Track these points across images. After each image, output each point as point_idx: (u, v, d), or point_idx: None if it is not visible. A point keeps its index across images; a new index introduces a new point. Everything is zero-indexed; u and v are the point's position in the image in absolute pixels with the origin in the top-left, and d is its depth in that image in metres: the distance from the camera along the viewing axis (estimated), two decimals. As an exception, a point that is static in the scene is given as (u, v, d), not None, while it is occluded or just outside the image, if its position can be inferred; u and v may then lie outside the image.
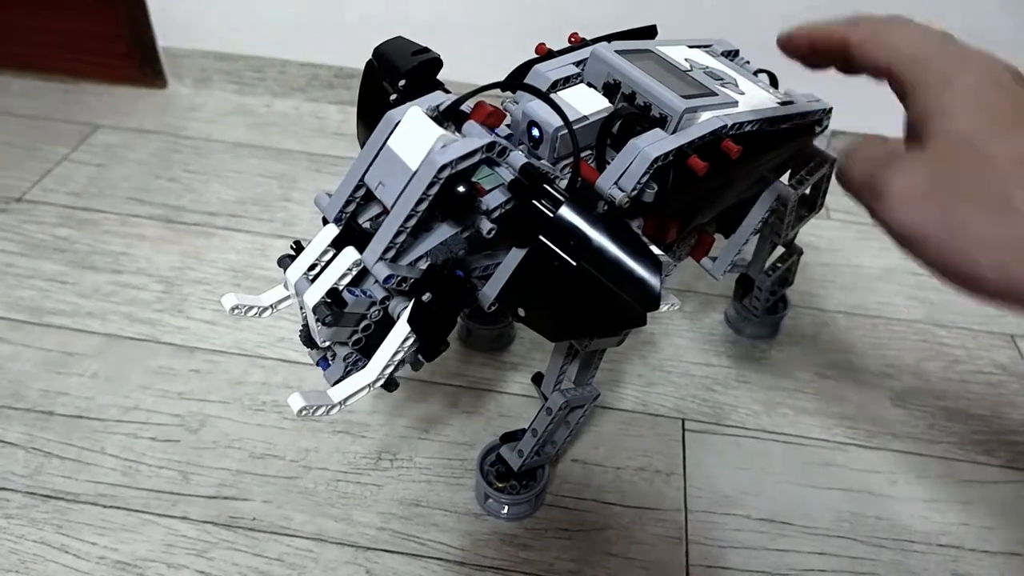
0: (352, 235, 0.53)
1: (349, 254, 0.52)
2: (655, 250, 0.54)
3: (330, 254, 0.53)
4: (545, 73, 0.60)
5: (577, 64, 0.62)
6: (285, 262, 0.55)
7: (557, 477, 0.77)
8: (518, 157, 0.52)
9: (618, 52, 0.61)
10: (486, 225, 0.52)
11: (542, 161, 0.57)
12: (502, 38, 1.19)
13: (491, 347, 0.90)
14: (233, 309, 0.54)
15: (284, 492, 0.73)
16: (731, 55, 0.73)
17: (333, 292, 0.51)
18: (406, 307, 0.52)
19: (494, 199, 0.52)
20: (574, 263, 0.49)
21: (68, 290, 0.93)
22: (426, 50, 0.61)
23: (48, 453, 0.75)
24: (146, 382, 0.83)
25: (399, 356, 0.53)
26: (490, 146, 0.50)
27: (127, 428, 0.78)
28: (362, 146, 0.58)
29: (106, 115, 1.27)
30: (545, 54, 0.64)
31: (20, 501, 0.71)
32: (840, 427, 0.84)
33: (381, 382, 0.53)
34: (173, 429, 0.78)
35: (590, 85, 0.61)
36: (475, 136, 0.52)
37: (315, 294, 0.51)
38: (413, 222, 0.50)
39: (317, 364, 0.58)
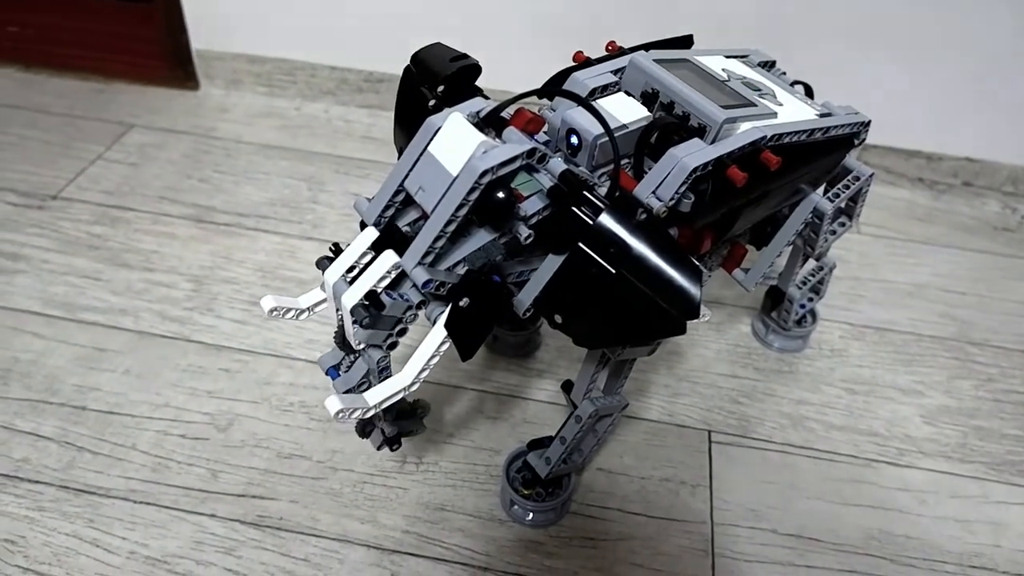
0: (392, 238, 0.53)
1: (388, 257, 0.52)
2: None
3: (369, 256, 0.54)
4: (583, 81, 0.60)
5: (615, 73, 0.62)
6: (324, 264, 0.55)
7: (582, 485, 0.77)
8: (558, 164, 0.52)
9: (656, 61, 0.61)
10: (524, 231, 0.52)
11: (580, 168, 0.57)
12: (538, 45, 1.19)
13: (517, 353, 0.90)
14: (272, 311, 0.55)
15: (311, 492, 0.74)
16: (768, 66, 0.73)
17: (371, 294, 0.51)
18: (443, 312, 0.52)
19: (532, 205, 0.52)
20: (613, 271, 0.49)
21: (101, 287, 0.94)
22: (465, 56, 0.61)
23: (81, 448, 0.76)
24: (176, 380, 0.84)
25: (435, 360, 0.53)
26: (530, 152, 0.51)
27: (158, 425, 0.79)
28: (399, 151, 0.58)
29: (139, 115, 1.29)
30: (583, 62, 0.64)
31: (53, 495, 0.72)
32: (869, 443, 0.83)
33: (416, 386, 0.53)
34: (202, 427, 0.79)
35: (628, 94, 0.61)
36: (515, 143, 0.52)
37: (353, 296, 0.51)
38: (452, 227, 0.50)
39: (327, 373, 0.58)
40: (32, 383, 0.82)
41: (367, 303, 0.51)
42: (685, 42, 0.72)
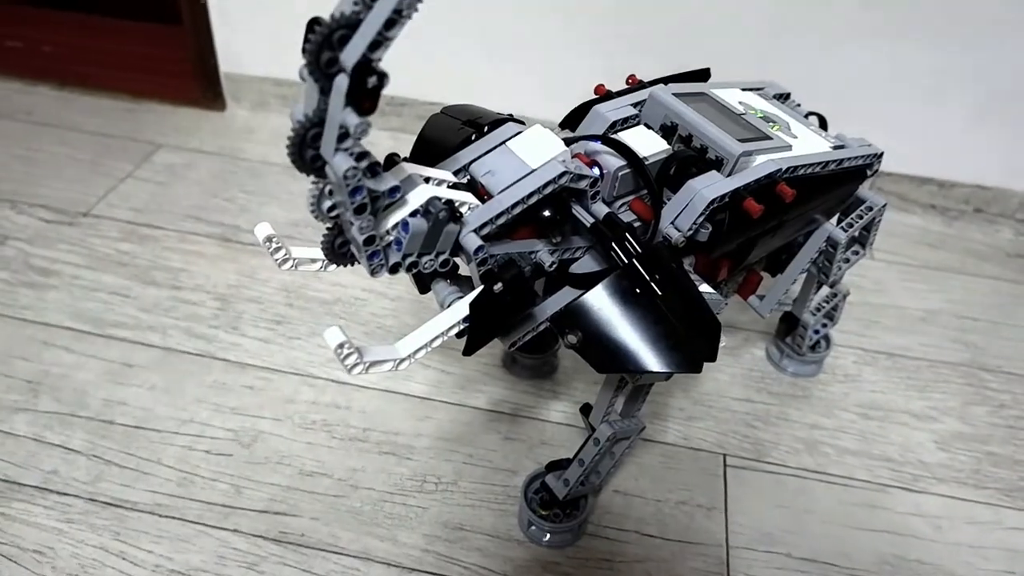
0: (475, 191, 0.55)
1: (471, 197, 0.53)
2: (711, 292, 0.55)
3: (445, 186, 0.54)
4: (605, 114, 0.62)
5: (635, 105, 0.64)
6: (395, 159, 0.54)
7: (599, 507, 0.78)
8: (601, 207, 0.55)
9: (675, 95, 0.63)
10: (548, 259, 0.54)
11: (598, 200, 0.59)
12: (559, 70, 1.22)
13: (534, 376, 0.92)
14: (267, 240, 0.54)
15: (332, 510, 0.75)
16: (783, 98, 0.75)
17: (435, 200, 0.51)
18: (457, 296, 0.53)
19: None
20: (660, 292, 0.52)
21: (130, 303, 0.97)
22: (475, 122, 0.60)
23: (108, 461, 0.78)
24: (201, 396, 0.86)
25: (437, 342, 0.52)
26: (593, 181, 0.55)
27: (183, 440, 0.81)
28: None
29: (168, 135, 1.32)
30: (604, 95, 0.66)
31: (81, 507, 0.74)
32: (883, 469, 0.84)
33: (406, 364, 0.51)
34: (227, 443, 0.81)
35: (648, 127, 0.63)
36: None
37: (426, 192, 0.51)
38: (518, 210, 0.52)
39: (368, 256, 0.52)
40: (62, 396, 0.84)
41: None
42: (702, 75, 0.74)
